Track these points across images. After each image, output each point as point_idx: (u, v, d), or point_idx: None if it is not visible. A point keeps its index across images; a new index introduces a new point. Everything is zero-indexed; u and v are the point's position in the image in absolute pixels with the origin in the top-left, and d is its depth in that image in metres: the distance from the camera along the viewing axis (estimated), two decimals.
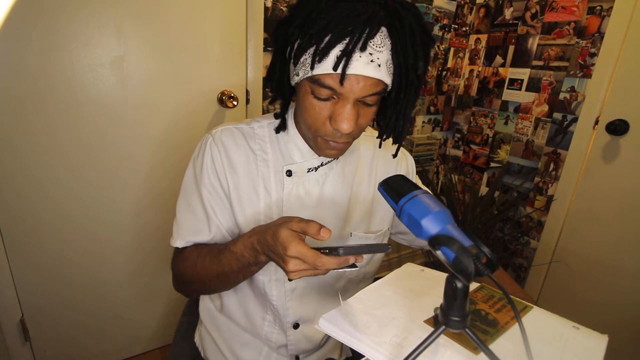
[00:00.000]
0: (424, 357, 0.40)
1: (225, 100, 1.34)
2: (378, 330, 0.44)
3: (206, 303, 0.80)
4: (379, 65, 0.53)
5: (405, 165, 0.81)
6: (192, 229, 0.68)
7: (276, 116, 0.69)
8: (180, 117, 1.31)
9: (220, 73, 1.34)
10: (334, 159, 0.70)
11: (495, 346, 0.44)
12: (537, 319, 0.50)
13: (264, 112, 1.49)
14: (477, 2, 1.94)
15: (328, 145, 0.61)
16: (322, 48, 0.51)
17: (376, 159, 0.77)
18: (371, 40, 0.51)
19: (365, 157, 0.76)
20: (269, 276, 0.69)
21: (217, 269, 0.63)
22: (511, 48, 1.80)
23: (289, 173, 0.67)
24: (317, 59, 0.52)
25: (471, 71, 2.02)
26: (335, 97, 0.56)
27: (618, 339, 0.56)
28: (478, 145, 2.03)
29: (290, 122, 0.68)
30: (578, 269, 1.61)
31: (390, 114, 0.62)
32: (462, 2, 1.90)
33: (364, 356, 0.42)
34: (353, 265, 0.50)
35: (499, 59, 1.86)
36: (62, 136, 1.14)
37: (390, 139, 0.67)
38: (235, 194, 0.67)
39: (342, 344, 0.82)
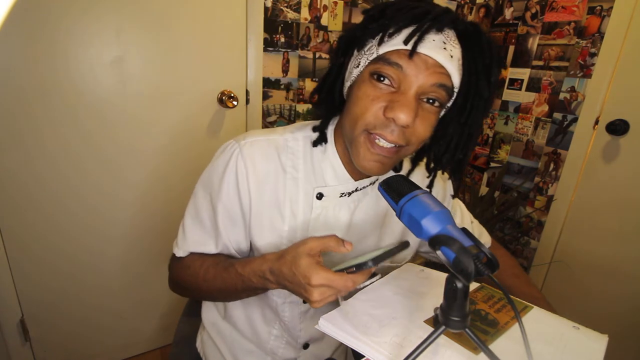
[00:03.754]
0: (424, 357, 0.40)
1: (225, 100, 1.34)
2: (378, 330, 0.44)
3: (210, 307, 0.77)
4: (452, 57, 0.49)
5: (443, 191, 0.74)
6: (198, 242, 0.64)
7: (315, 129, 0.63)
8: (180, 117, 1.31)
9: (220, 73, 1.34)
10: (370, 185, 0.64)
11: (495, 346, 0.44)
12: (537, 319, 0.50)
13: (263, 113, 1.49)
14: (477, 2, 1.94)
15: (372, 148, 0.53)
16: (394, 25, 0.49)
17: None
18: (446, 30, 0.49)
19: None
20: (284, 298, 0.66)
21: (220, 285, 0.60)
22: (511, 48, 1.80)
23: (320, 196, 0.61)
24: (388, 33, 0.49)
25: None
26: (395, 87, 0.51)
27: (618, 339, 0.56)
28: (478, 145, 2.03)
29: (330, 139, 0.62)
30: (578, 269, 1.61)
31: (451, 132, 0.55)
32: (462, 2, 1.90)
33: (364, 356, 0.42)
34: (373, 275, 0.47)
35: None
36: (65, 134, 1.14)
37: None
38: (257, 213, 0.61)
39: (346, 352, 0.82)
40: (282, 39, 1.43)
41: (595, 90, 1.49)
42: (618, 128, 1.41)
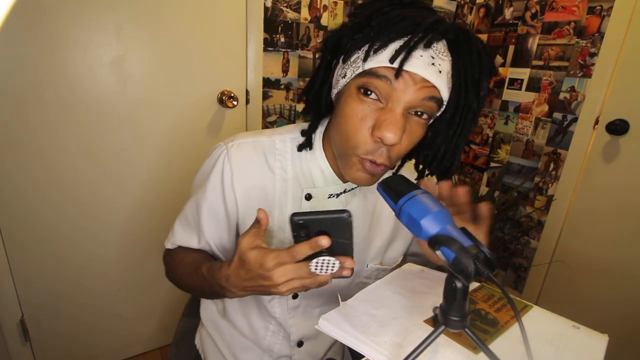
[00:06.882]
0: (424, 357, 0.40)
1: (225, 100, 1.34)
2: (378, 330, 0.44)
3: (208, 305, 0.79)
4: (440, 72, 0.48)
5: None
6: (183, 238, 0.67)
7: (302, 133, 0.63)
8: (180, 116, 1.31)
9: (220, 73, 1.34)
10: (358, 186, 0.64)
11: (495, 346, 0.44)
12: (537, 318, 0.50)
13: (263, 112, 1.49)
14: (477, 2, 1.93)
15: (362, 166, 0.53)
16: (381, 40, 0.47)
17: None
18: (435, 44, 0.47)
19: None
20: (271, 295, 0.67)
21: (192, 284, 0.61)
22: (511, 48, 1.80)
23: (308, 197, 0.62)
24: (373, 48, 0.47)
25: None
26: (382, 102, 0.50)
27: (618, 339, 0.56)
28: (478, 145, 2.03)
29: (318, 142, 0.62)
30: (578, 269, 1.60)
31: (439, 142, 0.55)
32: (462, 2, 1.90)
33: (363, 356, 0.42)
34: (328, 253, 0.43)
35: (499, 59, 1.86)
36: (63, 136, 1.14)
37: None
38: (244, 214, 0.62)
39: (343, 350, 0.82)
40: (282, 39, 1.43)
41: (595, 90, 1.49)
42: (618, 128, 1.41)
